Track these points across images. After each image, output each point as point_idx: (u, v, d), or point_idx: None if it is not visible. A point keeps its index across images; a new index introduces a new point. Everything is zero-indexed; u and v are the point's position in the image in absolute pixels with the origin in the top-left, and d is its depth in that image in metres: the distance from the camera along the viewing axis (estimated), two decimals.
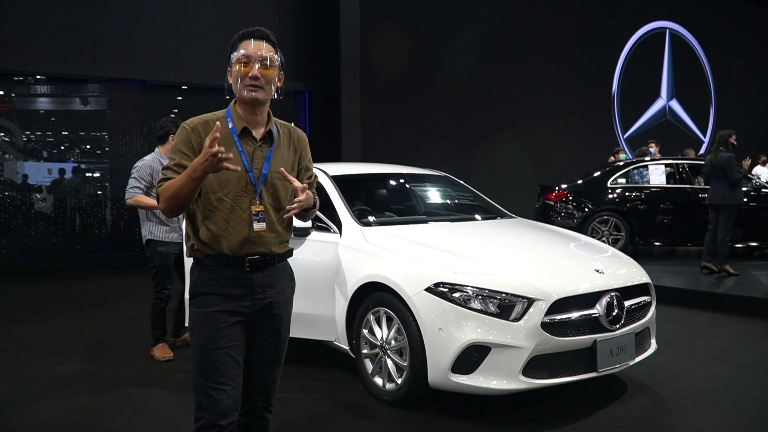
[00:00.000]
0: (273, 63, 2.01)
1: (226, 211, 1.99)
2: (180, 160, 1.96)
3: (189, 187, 1.86)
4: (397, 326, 3.36)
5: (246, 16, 9.18)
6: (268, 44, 2.04)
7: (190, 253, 2.06)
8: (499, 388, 3.06)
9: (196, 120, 2.03)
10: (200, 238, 2.01)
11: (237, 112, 2.06)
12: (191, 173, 1.84)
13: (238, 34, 2.06)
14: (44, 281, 7.53)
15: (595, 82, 14.56)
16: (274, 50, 2.04)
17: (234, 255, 2.00)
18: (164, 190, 1.92)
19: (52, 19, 8.31)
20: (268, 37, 2.05)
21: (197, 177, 1.83)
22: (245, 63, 1.98)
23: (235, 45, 2.04)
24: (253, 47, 2.00)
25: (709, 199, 6.99)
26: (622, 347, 3.30)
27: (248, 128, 2.05)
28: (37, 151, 8.74)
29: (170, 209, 1.93)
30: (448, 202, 5.10)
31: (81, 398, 3.60)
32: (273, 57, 2.01)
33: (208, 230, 1.99)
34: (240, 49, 2.00)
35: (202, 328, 2.00)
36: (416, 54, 11.43)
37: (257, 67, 1.98)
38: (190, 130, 2.00)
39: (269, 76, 2.00)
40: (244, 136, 2.04)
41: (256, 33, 2.04)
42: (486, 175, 11.55)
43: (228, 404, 1.97)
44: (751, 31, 17.73)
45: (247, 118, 2.05)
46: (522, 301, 3.10)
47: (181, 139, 2.00)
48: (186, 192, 1.87)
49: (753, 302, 5.78)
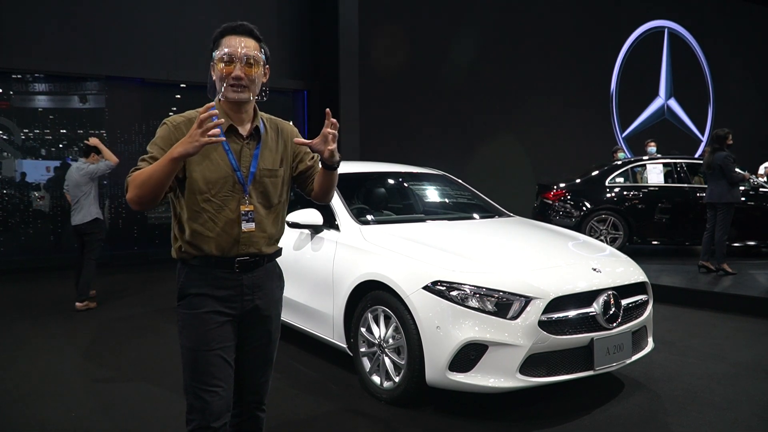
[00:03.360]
0: (257, 61, 1.93)
1: (213, 212, 1.93)
2: (156, 153, 1.86)
3: (163, 172, 1.75)
4: (395, 324, 3.37)
5: (245, 14, 9.16)
6: (252, 39, 1.96)
7: (177, 254, 2.00)
8: (496, 386, 3.06)
9: (179, 117, 1.96)
10: (187, 239, 1.95)
11: (222, 110, 1.99)
12: (168, 154, 1.74)
13: (219, 29, 1.97)
14: (42, 280, 7.53)
15: (593, 81, 14.56)
16: (258, 45, 1.96)
17: (223, 256, 1.95)
18: (134, 179, 1.80)
19: (50, 17, 8.30)
20: (252, 32, 1.96)
21: (174, 158, 1.73)
22: (228, 62, 1.90)
23: (216, 41, 1.95)
24: (236, 44, 1.91)
25: (707, 198, 7.01)
26: (619, 346, 3.32)
27: (234, 126, 1.98)
28: (35, 149, 8.73)
29: (139, 198, 1.79)
30: (446, 201, 5.11)
31: (79, 397, 3.61)
32: (257, 55, 1.93)
33: (196, 232, 1.93)
34: (222, 46, 1.92)
35: (192, 330, 1.95)
36: (415, 52, 11.43)
37: (240, 66, 1.90)
38: (172, 127, 1.92)
39: (253, 75, 1.93)
40: (231, 134, 1.98)
41: (239, 28, 1.95)
42: (484, 174, 11.55)
43: (220, 405, 1.94)
44: (750, 31, 17.74)
45: (233, 116, 1.98)
46: (519, 299, 3.11)
47: (162, 134, 1.91)
48: (158, 177, 1.75)
49: (750, 301, 5.80)
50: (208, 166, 1.93)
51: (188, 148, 1.72)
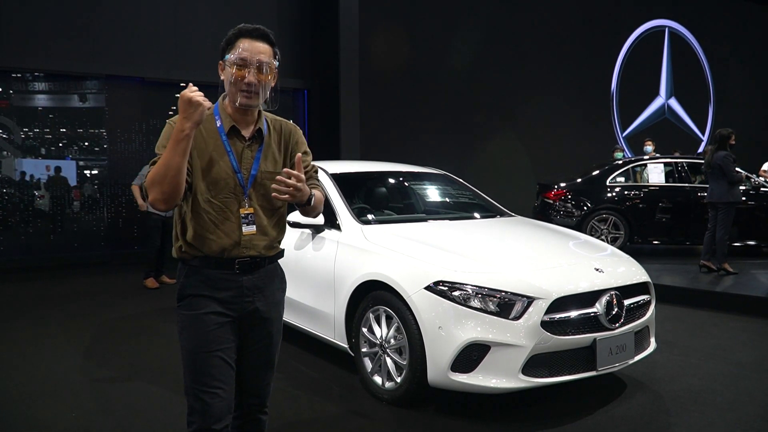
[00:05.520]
0: (271, 69, 1.92)
1: (214, 213, 1.92)
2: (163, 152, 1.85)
3: (174, 157, 1.73)
4: (397, 325, 3.36)
5: (245, 13, 9.16)
6: (267, 45, 1.94)
7: (178, 254, 1.99)
8: (498, 387, 3.05)
9: None
10: (188, 240, 1.94)
11: (226, 110, 1.96)
12: (173, 137, 1.74)
13: (235, 29, 1.95)
14: (42, 279, 7.52)
15: (594, 81, 14.55)
16: (272, 51, 1.95)
17: (223, 257, 1.94)
18: (150, 179, 1.79)
19: (50, 16, 8.29)
20: (267, 37, 1.95)
21: (179, 139, 1.73)
22: (241, 66, 1.88)
23: (231, 42, 1.93)
24: (252, 49, 1.89)
25: (708, 198, 7.01)
26: (622, 346, 3.31)
27: (237, 127, 1.96)
28: (35, 148, 8.72)
29: (162, 194, 1.77)
30: (447, 201, 5.10)
31: (80, 397, 3.60)
32: (271, 62, 1.92)
33: (197, 233, 1.93)
34: (237, 49, 1.90)
35: (192, 331, 1.94)
36: (415, 52, 11.42)
37: (254, 72, 1.88)
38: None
39: (265, 82, 1.91)
40: (233, 136, 1.96)
41: (255, 32, 1.93)
42: (485, 174, 11.55)
43: (221, 407, 1.92)
44: (750, 30, 17.73)
45: (236, 116, 1.96)
46: (522, 299, 3.09)
47: (167, 134, 1.88)
48: (171, 165, 1.74)
49: (752, 301, 5.79)
50: (209, 167, 1.92)
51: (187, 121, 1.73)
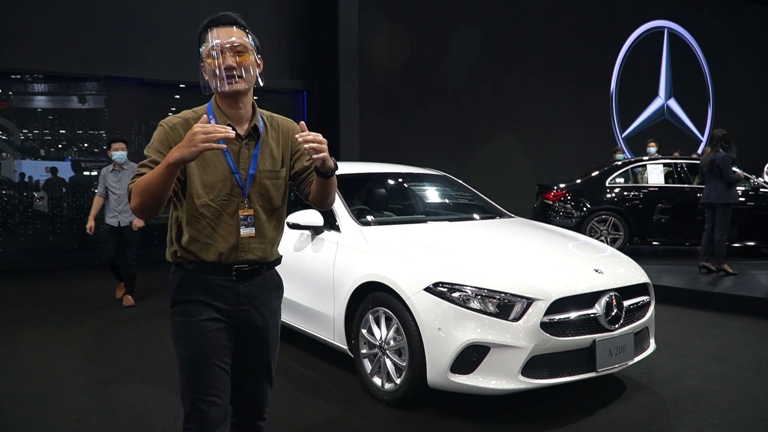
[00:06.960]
0: (246, 48, 1.84)
1: (212, 217, 1.86)
2: (155, 157, 1.80)
3: (161, 179, 1.67)
4: (396, 326, 3.36)
5: (244, 14, 9.01)
6: (238, 29, 1.87)
7: (173, 257, 1.93)
8: (498, 388, 3.05)
9: (175, 118, 1.89)
10: (183, 245, 1.88)
11: (219, 108, 1.91)
12: (165, 160, 1.67)
13: (202, 24, 1.89)
14: (42, 280, 7.51)
15: (593, 82, 14.56)
16: (244, 33, 1.87)
17: (220, 263, 1.88)
18: (136, 187, 1.75)
19: (49, 17, 8.28)
20: (236, 21, 1.88)
21: (170, 164, 1.65)
22: (216, 53, 1.81)
23: (202, 37, 1.87)
24: (222, 35, 1.83)
25: (704, 198, 6.99)
26: (621, 347, 3.30)
27: (232, 125, 1.88)
28: (34, 150, 8.72)
29: (141, 206, 1.73)
30: (447, 202, 5.10)
31: (79, 398, 3.59)
32: (245, 42, 1.85)
33: (193, 237, 1.87)
34: (208, 40, 1.83)
35: (187, 338, 1.88)
36: (415, 53, 11.42)
37: (231, 55, 1.82)
38: (169, 128, 1.85)
39: (246, 63, 1.84)
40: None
41: (222, 19, 1.87)
42: (484, 175, 11.54)
43: (218, 415, 1.88)
44: (750, 31, 17.74)
45: (230, 114, 1.90)
46: (521, 300, 3.09)
47: (159, 137, 1.84)
48: (157, 184, 1.68)
49: (751, 301, 5.79)
50: (205, 168, 1.86)
51: (185, 154, 1.64)
